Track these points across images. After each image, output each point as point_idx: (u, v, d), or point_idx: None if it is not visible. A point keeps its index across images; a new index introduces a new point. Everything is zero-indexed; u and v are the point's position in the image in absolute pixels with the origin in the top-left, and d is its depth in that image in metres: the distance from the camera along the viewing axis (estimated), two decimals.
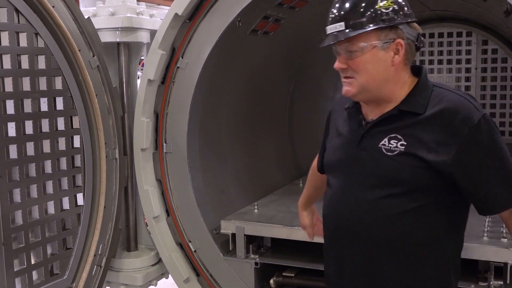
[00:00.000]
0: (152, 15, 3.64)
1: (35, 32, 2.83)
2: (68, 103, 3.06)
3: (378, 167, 1.98)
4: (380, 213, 1.98)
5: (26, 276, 2.86)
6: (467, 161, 1.90)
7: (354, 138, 2.06)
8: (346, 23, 1.92)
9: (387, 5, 1.92)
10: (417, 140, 1.93)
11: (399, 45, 1.94)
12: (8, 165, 2.73)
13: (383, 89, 1.98)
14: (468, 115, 1.89)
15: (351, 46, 1.93)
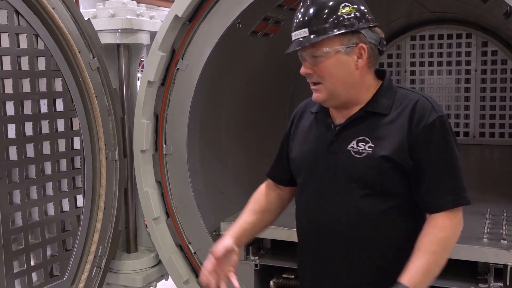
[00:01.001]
0: (152, 16, 3.64)
1: (35, 34, 2.83)
2: (68, 105, 3.06)
3: (348, 169, 2.01)
4: (354, 214, 2.01)
5: (26, 277, 2.86)
6: (418, 157, 1.95)
7: (324, 142, 2.09)
8: (310, 29, 1.97)
9: (348, 11, 1.97)
10: (384, 141, 1.98)
11: (361, 49, 1.98)
12: (8, 166, 2.73)
13: (350, 93, 2.03)
14: (424, 115, 1.96)
15: (316, 52, 1.98)
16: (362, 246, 2.03)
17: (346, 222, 2.02)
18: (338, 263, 2.08)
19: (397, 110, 2.00)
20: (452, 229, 1.96)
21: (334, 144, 2.06)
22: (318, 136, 2.12)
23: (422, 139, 1.95)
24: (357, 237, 2.02)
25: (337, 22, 1.95)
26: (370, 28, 2.02)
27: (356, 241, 2.03)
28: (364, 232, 2.01)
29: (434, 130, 1.95)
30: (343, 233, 2.03)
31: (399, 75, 6.33)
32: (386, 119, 2.00)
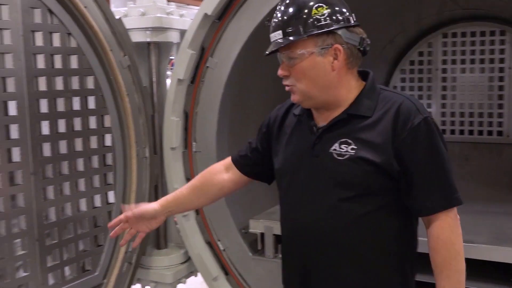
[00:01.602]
0: (182, 15, 3.67)
1: (67, 32, 2.88)
2: (100, 102, 3.11)
3: (331, 172, 2.00)
4: (338, 217, 1.99)
5: (59, 271, 2.91)
6: (405, 161, 1.92)
7: (306, 145, 2.07)
8: (283, 31, 1.96)
9: (322, 12, 1.94)
10: (366, 143, 1.95)
11: (337, 50, 1.96)
12: (42, 162, 2.78)
13: (327, 94, 2.01)
14: (409, 117, 1.93)
15: (290, 53, 1.97)
16: (346, 249, 2.01)
17: (329, 225, 2.01)
18: (322, 267, 2.07)
19: (380, 112, 1.97)
20: (453, 233, 1.95)
21: (316, 147, 2.04)
22: (301, 139, 2.11)
23: (408, 142, 1.92)
24: (341, 240, 2.01)
25: (310, 23, 1.93)
26: (347, 28, 1.98)
27: (340, 244, 2.02)
28: (348, 235, 2.00)
29: (419, 132, 1.92)
30: (327, 236, 2.02)
31: (430, 73, 6.24)
32: (368, 121, 1.97)
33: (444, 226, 1.94)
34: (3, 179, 2.59)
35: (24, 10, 2.63)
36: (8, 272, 2.64)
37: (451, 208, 1.96)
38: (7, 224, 2.62)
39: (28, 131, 2.69)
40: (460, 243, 1.97)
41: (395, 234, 2.02)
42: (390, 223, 2.01)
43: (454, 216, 1.97)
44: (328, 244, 2.03)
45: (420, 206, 1.97)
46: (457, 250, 1.95)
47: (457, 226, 1.97)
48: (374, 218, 1.98)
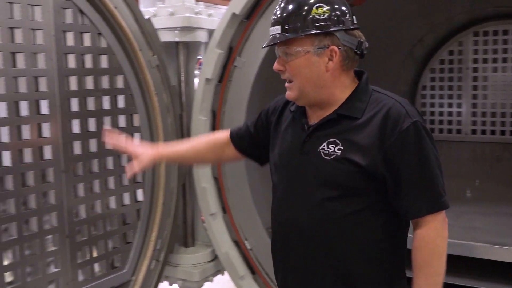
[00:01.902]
0: (210, 14, 3.69)
1: (98, 32, 2.92)
2: (129, 101, 3.15)
3: (317, 171, 2.00)
4: (322, 216, 2.00)
5: (88, 268, 2.96)
6: (393, 165, 1.92)
7: (297, 142, 2.08)
8: (282, 27, 1.96)
9: (322, 12, 1.94)
10: (353, 144, 1.95)
11: (333, 51, 1.95)
12: (73, 160, 2.83)
13: (321, 93, 2.01)
14: (398, 121, 1.91)
15: (287, 50, 1.98)
16: (328, 249, 2.02)
17: (313, 223, 2.02)
18: (303, 265, 2.08)
19: (369, 114, 1.97)
20: (438, 236, 1.95)
21: (306, 145, 2.05)
22: (293, 136, 2.12)
23: (397, 146, 1.91)
24: (323, 239, 2.01)
25: (309, 22, 1.93)
26: (346, 31, 1.97)
27: (322, 244, 2.02)
28: (331, 235, 2.00)
29: (408, 136, 1.91)
30: (309, 235, 2.03)
31: (461, 72, 6.14)
32: (357, 122, 1.97)
33: (430, 228, 1.94)
34: (36, 176, 2.64)
35: (56, 11, 2.68)
36: (39, 268, 2.69)
37: (437, 212, 1.95)
38: (39, 220, 2.67)
39: (60, 129, 2.73)
40: (444, 246, 1.97)
41: (380, 234, 2.01)
42: (374, 223, 2.00)
43: (441, 219, 1.97)
44: (308, 242, 2.04)
45: (407, 209, 1.96)
46: (439, 252, 1.96)
47: (443, 229, 1.97)
48: (358, 218, 1.98)
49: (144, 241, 3.31)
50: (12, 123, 2.52)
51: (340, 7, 1.98)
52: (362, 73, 2.10)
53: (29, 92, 2.58)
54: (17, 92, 2.55)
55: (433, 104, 6.48)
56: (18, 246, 2.59)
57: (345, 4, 2.00)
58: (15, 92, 2.54)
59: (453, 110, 6.34)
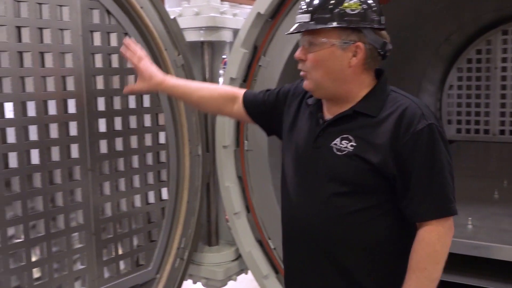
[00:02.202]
0: (235, 14, 3.69)
1: (124, 32, 2.95)
2: (155, 101, 3.17)
3: (328, 165, 2.00)
4: (330, 211, 2.00)
5: (114, 265, 2.99)
6: (403, 165, 1.90)
7: (311, 135, 2.08)
8: (311, 16, 1.94)
9: (354, 7, 1.92)
10: (366, 142, 1.94)
11: (358, 48, 1.94)
12: (99, 159, 2.86)
13: (339, 88, 2.00)
14: (412, 122, 1.90)
15: (312, 39, 1.96)
16: (333, 244, 2.02)
17: (320, 217, 2.02)
18: (308, 259, 2.09)
19: (385, 113, 1.95)
20: (439, 241, 1.91)
21: (319, 139, 2.05)
22: (308, 129, 2.12)
23: (409, 147, 1.89)
24: (329, 234, 2.01)
25: (339, 15, 1.92)
26: (373, 30, 1.96)
27: (327, 239, 2.02)
28: (337, 230, 2.00)
29: (422, 138, 1.89)
30: (316, 229, 2.03)
31: (489, 72, 6.05)
32: (373, 120, 1.96)
33: (432, 231, 1.92)
34: (63, 174, 2.68)
35: (84, 11, 2.71)
36: (66, 265, 2.73)
37: (443, 218, 1.92)
38: (66, 218, 2.71)
39: (86, 128, 2.77)
40: (443, 253, 1.93)
41: (387, 234, 2.00)
42: (381, 223, 2.00)
43: (447, 226, 1.94)
44: (317, 236, 2.04)
45: (413, 212, 1.95)
46: (437, 257, 1.92)
47: (446, 236, 1.93)
48: (365, 216, 1.98)
49: (169, 239, 3.33)
50: (40, 122, 2.56)
51: (371, 5, 1.97)
52: (382, 72, 2.09)
53: (56, 92, 2.62)
54: (45, 91, 2.59)
55: (460, 103, 6.39)
56: (46, 243, 2.63)
57: (376, 2, 1.99)
58: (44, 91, 2.58)
59: (480, 110, 6.24)
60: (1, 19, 2.37)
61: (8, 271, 2.46)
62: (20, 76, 2.47)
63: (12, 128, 2.46)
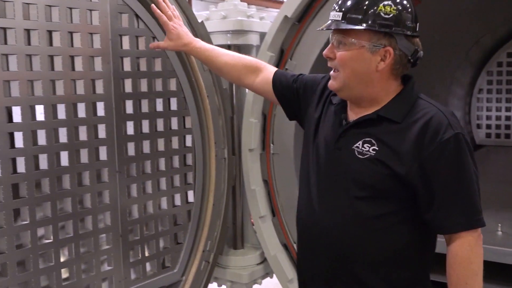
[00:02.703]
0: (262, 18, 3.70)
1: (152, 36, 2.98)
2: (181, 104, 3.19)
3: (349, 168, 1.98)
4: (350, 215, 1.98)
5: (140, 267, 3.01)
6: (429, 176, 1.86)
7: (333, 136, 2.07)
8: (344, 15, 1.92)
9: (388, 11, 1.89)
10: (389, 148, 1.91)
11: (387, 52, 1.91)
12: (126, 161, 2.89)
13: (364, 90, 1.98)
14: (439, 131, 1.86)
15: (342, 39, 1.94)
16: (348, 249, 2.00)
17: (338, 220, 2.01)
18: (324, 262, 2.08)
19: (410, 120, 1.92)
20: (473, 253, 1.89)
21: (341, 140, 2.03)
22: (330, 129, 2.10)
23: (435, 157, 1.85)
24: (345, 238, 1.99)
25: (373, 17, 1.88)
26: (406, 36, 1.92)
27: (343, 243, 2.00)
28: (356, 234, 1.98)
29: (448, 147, 1.84)
30: (333, 233, 2.02)
31: None
32: (397, 126, 1.93)
33: (464, 244, 1.89)
34: (91, 176, 2.71)
35: (113, 15, 2.74)
36: (93, 265, 2.76)
37: (473, 229, 1.90)
38: (94, 219, 2.75)
39: (114, 131, 2.80)
40: (479, 263, 1.90)
41: (406, 240, 1.98)
42: (401, 229, 1.97)
43: (477, 235, 1.90)
44: (335, 239, 2.03)
45: (440, 224, 1.92)
46: (474, 270, 1.89)
47: (478, 246, 1.90)
48: (384, 222, 1.96)
49: (194, 242, 3.34)
50: (70, 124, 2.60)
51: (406, 11, 1.92)
52: (409, 77, 2.06)
53: (86, 95, 2.66)
54: (75, 94, 2.63)
55: (490, 108, 6.29)
56: (74, 243, 2.66)
57: (412, 9, 1.94)
58: (73, 94, 2.62)
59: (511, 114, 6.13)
60: (34, 23, 2.41)
61: (37, 271, 2.50)
62: (50, 79, 2.51)
63: (42, 130, 2.50)
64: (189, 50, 2.65)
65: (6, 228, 2.36)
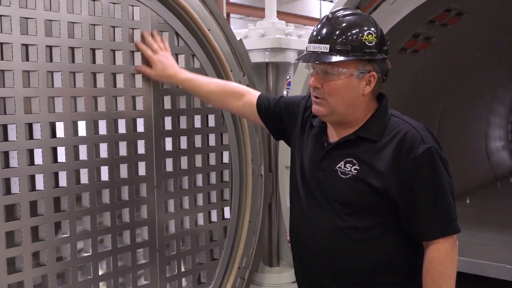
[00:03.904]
0: (300, 35, 3.72)
1: (192, 54, 3.02)
2: (219, 121, 3.22)
3: (333, 188, 2.10)
4: (336, 231, 2.09)
5: (176, 282, 3.03)
6: (406, 190, 1.99)
7: (316, 158, 2.18)
8: (332, 47, 2.01)
9: (371, 39, 2.02)
10: (369, 166, 2.03)
11: (372, 77, 2.04)
12: (164, 177, 2.93)
13: (350, 114, 2.09)
14: (412, 147, 1.98)
15: (330, 69, 2.03)
16: (339, 262, 2.11)
17: (325, 238, 2.12)
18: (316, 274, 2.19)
19: (386, 138, 2.04)
20: (448, 257, 2.02)
21: (324, 162, 2.14)
22: (313, 151, 2.21)
23: (411, 172, 1.98)
24: (335, 252, 2.11)
25: (359, 47, 2.00)
26: (383, 59, 2.06)
27: (334, 257, 2.11)
28: (343, 248, 2.09)
29: (422, 162, 1.97)
30: (322, 249, 2.13)
31: None
32: (375, 145, 2.05)
33: (440, 249, 2.02)
34: (130, 191, 2.75)
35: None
36: (130, 280, 2.79)
37: (449, 236, 2.03)
38: (132, 234, 2.78)
39: (153, 146, 2.84)
40: (452, 268, 2.02)
41: (394, 249, 2.10)
42: (388, 240, 2.09)
43: (452, 242, 2.04)
44: (321, 256, 2.15)
45: (420, 233, 2.05)
46: (448, 273, 2.01)
47: (453, 252, 2.04)
48: (369, 234, 2.08)
49: (230, 258, 3.35)
50: (110, 140, 2.65)
51: (383, 36, 2.08)
52: (383, 96, 2.18)
53: (126, 111, 2.71)
54: (116, 110, 2.68)
55: None
56: (112, 257, 2.70)
57: (383, 33, 2.11)
58: (114, 110, 2.67)
59: None
60: (77, 41, 2.48)
61: (76, 284, 2.54)
62: (92, 96, 2.57)
63: (84, 146, 2.56)
64: (173, 82, 2.78)
65: (47, 240, 2.41)
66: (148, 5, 2.76)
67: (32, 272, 2.37)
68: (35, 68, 2.33)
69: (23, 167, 2.31)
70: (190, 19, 2.95)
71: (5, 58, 2.24)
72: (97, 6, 2.56)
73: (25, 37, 2.29)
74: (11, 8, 2.23)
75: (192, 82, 2.71)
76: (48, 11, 2.37)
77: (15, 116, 2.26)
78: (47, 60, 2.39)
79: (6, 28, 2.23)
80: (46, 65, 2.37)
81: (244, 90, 2.64)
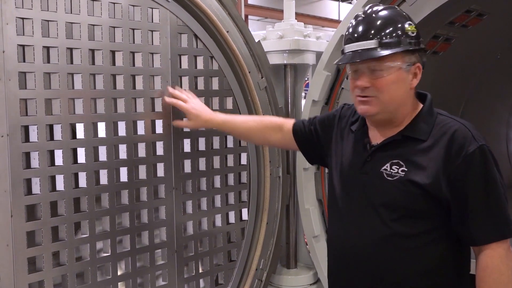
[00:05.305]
0: (318, 37, 3.70)
1: (210, 56, 3.04)
2: None
3: (377, 191, 1.98)
4: (384, 238, 1.97)
5: (194, 283, 3.04)
6: (457, 190, 1.87)
7: (358, 161, 2.07)
8: (379, 42, 1.93)
9: (412, 29, 1.96)
10: (418, 166, 1.92)
11: (417, 69, 1.97)
12: (183, 178, 2.94)
13: (399, 110, 2.00)
14: (463, 144, 1.87)
15: (379, 65, 1.94)
16: (384, 270, 1.99)
17: (371, 244, 2.00)
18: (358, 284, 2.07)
19: (435, 137, 1.94)
20: (503, 263, 1.89)
21: (367, 165, 2.04)
22: (354, 155, 2.12)
23: (462, 170, 1.86)
24: (381, 260, 1.99)
25: (404, 38, 1.93)
26: (424, 50, 2.01)
27: (379, 265, 1.99)
28: (390, 257, 1.97)
29: (474, 160, 1.86)
30: (368, 255, 2.01)
31: None
32: (423, 145, 1.95)
33: (494, 256, 1.89)
34: (148, 192, 2.77)
35: (173, 36, 2.82)
36: (149, 280, 2.81)
37: (503, 239, 1.90)
38: (150, 234, 2.80)
39: (172, 148, 2.86)
40: (509, 275, 1.89)
41: (442, 258, 1.98)
42: (436, 246, 1.97)
43: (506, 247, 1.91)
44: (367, 263, 2.03)
45: (472, 236, 1.92)
46: (504, 281, 1.88)
47: (508, 257, 1.90)
48: (419, 241, 1.96)
49: (247, 260, 3.35)
50: (129, 141, 2.67)
51: (417, 27, 2.01)
52: (426, 95, 2.10)
53: (145, 112, 2.73)
54: (135, 112, 2.70)
55: None
56: (130, 258, 2.72)
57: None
58: (134, 112, 2.69)
59: None
60: (98, 43, 2.51)
61: (95, 284, 2.56)
62: (112, 97, 2.59)
63: (103, 147, 2.58)
64: (210, 126, 2.78)
65: (67, 240, 2.44)
66: (167, 7, 2.78)
67: (52, 271, 2.40)
68: (56, 70, 2.36)
69: (44, 168, 2.34)
70: (209, 21, 2.96)
71: (27, 60, 2.27)
72: (117, 8, 2.58)
73: (47, 39, 2.32)
74: (33, 11, 2.26)
75: (230, 123, 2.72)
76: (69, 13, 2.40)
77: (36, 117, 2.30)
78: (68, 62, 2.42)
79: (28, 30, 2.26)
80: (67, 67, 2.40)
81: (281, 121, 2.61)
